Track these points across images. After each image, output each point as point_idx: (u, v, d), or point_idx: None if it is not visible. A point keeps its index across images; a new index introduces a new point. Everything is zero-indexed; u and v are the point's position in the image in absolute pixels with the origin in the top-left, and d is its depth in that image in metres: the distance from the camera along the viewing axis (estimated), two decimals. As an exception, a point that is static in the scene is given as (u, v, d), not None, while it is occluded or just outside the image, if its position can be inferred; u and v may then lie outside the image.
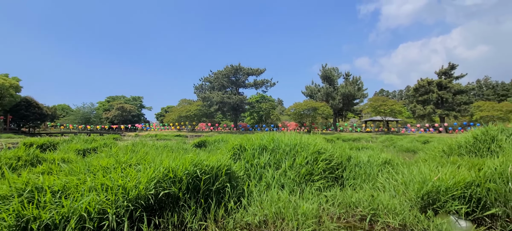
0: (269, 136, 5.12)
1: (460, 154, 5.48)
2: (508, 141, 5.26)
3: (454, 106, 46.26)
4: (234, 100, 49.11)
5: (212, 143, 11.10)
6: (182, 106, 54.60)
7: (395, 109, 43.06)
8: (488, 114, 40.98)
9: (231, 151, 4.85)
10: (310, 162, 4.27)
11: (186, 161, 3.32)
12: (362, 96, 54.19)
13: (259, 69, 53.06)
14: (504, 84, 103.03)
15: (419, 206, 3.16)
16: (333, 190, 3.83)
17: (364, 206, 3.22)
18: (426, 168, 3.83)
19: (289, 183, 3.85)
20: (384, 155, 5.54)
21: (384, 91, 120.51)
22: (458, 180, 3.14)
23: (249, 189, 3.60)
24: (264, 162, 4.30)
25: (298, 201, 3.21)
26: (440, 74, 49.84)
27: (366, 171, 4.61)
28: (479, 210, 2.97)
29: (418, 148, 12.33)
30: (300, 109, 45.16)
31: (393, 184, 3.79)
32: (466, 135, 5.96)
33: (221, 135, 13.22)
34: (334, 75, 55.55)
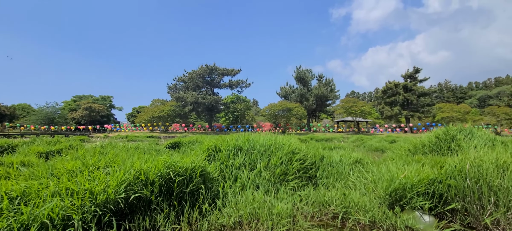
0: (244, 136, 5.12)
1: (424, 152, 5.82)
2: (465, 140, 5.67)
3: (418, 107, 49.12)
4: (209, 100, 48.56)
5: (186, 144, 10.89)
6: (155, 106, 52.99)
7: (365, 111, 44.88)
8: (448, 115, 44.00)
9: (205, 152, 4.78)
10: (284, 162, 4.32)
11: (159, 162, 3.22)
12: (335, 98, 55.91)
13: (234, 70, 52.91)
14: (462, 87, 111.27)
15: (387, 203, 3.31)
16: (307, 189, 3.90)
17: (337, 204, 3.32)
18: (393, 166, 4.02)
19: (264, 183, 3.87)
20: (355, 154, 5.75)
21: (355, 93, 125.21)
22: (422, 177, 3.32)
23: (224, 190, 3.57)
24: (239, 163, 4.29)
25: (273, 201, 3.24)
26: (405, 77, 52.70)
27: (338, 170, 4.75)
28: (441, 205, 3.17)
29: (386, 147, 12.94)
30: (275, 110, 45.64)
31: (364, 182, 3.94)
32: (429, 134, 6.35)
33: (195, 136, 13.00)
34: (308, 77, 56.79)
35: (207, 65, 51.31)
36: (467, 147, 5.24)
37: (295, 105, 45.97)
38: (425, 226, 2.90)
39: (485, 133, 6.05)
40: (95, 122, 56.31)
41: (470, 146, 5.25)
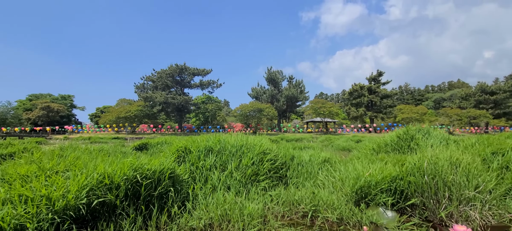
0: (215, 137, 5.06)
1: (387, 151, 6.15)
2: (423, 139, 6.09)
3: (382, 109, 51.92)
4: (179, 100, 47.40)
5: (155, 145, 10.53)
6: (121, 106, 50.55)
7: (333, 111, 46.52)
8: (408, 116, 46.95)
9: (175, 154, 4.65)
10: (256, 163, 4.34)
11: (125, 165, 3.07)
12: (304, 99, 57.27)
13: (205, 70, 52.17)
14: (420, 90, 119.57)
15: (354, 200, 3.45)
16: (278, 189, 3.95)
17: (306, 203, 3.39)
18: (359, 165, 4.20)
19: (235, 184, 3.85)
20: (324, 154, 5.94)
21: (324, 94, 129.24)
22: (385, 175, 3.51)
23: (194, 193, 3.50)
24: (210, 164, 4.23)
25: (244, 202, 3.23)
26: (370, 80, 55.46)
27: (308, 170, 4.87)
28: (402, 200, 3.37)
29: (352, 147, 13.50)
30: (246, 110, 45.70)
31: (332, 181, 4.07)
32: (391, 134, 6.73)
33: (164, 137, 12.61)
34: (279, 78, 57.60)
35: (177, 65, 50.06)
36: (425, 145, 5.62)
37: (266, 106, 46.41)
38: (388, 221, 3.06)
39: (440, 132, 6.54)
40: (54, 123, 52.45)
41: (427, 144, 5.64)
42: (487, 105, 58.79)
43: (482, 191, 3.08)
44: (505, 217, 3.01)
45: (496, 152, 4.72)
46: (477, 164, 3.53)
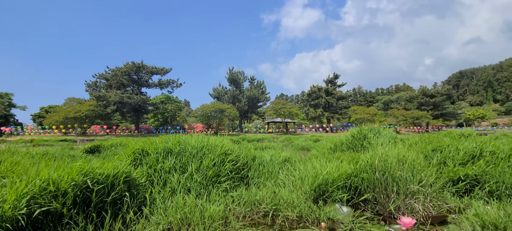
0: (175, 138, 4.88)
1: (342, 150, 6.49)
2: (374, 138, 6.54)
3: (337, 110, 54.81)
4: (136, 100, 45.06)
5: (108, 147, 9.88)
6: (69, 106, 46.41)
7: (293, 112, 47.95)
8: (360, 116, 50.15)
9: (131, 156, 4.40)
10: (217, 164, 4.28)
11: (73, 170, 2.82)
12: (265, 100, 58.18)
13: (164, 69, 50.29)
14: (371, 92, 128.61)
15: (313, 198, 3.58)
16: (239, 190, 3.94)
17: (267, 203, 3.43)
18: (317, 163, 4.36)
19: (195, 187, 3.76)
20: (284, 153, 6.07)
21: (284, 95, 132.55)
22: (341, 172, 3.69)
23: (152, 197, 3.34)
24: (169, 166, 4.07)
25: (205, 204, 3.17)
26: (327, 82, 58.22)
27: (269, 169, 4.93)
28: (356, 196, 3.58)
29: (311, 146, 14.03)
30: (207, 111, 45.03)
31: (292, 180, 4.18)
32: (346, 134, 7.12)
33: (119, 139, 11.88)
34: (240, 79, 57.76)
35: (133, 63, 47.52)
36: (376, 144, 6.04)
37: (227, 106, 46.21)
38: (343, 217, 3.22)
39: (389, 132, 7.08)
40: (-13, 124, 46.48)
41: (378, 143, 6.06)
42: (427, 107, 65.24)
43: (424, 185, 3.39)
44: (443, 208, 3.35)
45: (435, 149, 5.24)
46: (420, 160, 3.89)
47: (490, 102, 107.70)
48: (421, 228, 2.93)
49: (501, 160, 4.50)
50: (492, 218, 2.62)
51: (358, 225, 3.04)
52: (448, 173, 4.20)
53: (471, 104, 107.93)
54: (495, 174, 3.94)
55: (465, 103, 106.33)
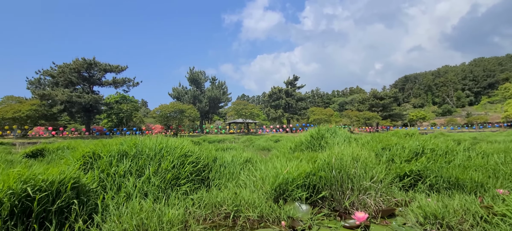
0: (130, 140, 4.62)
1: (302, 149, 6.71)
2: (331, 138, 6.87)
3: (297, 110, 56.59)
4: (87, 99, 41.78)
5: (54, 151, 9.03)
6: (7, 105, 41.39)
7: (254, 113, 48.41)
8: (318, 117, 52.40)
9: (81, 160, 4.06)
10: (176, 166, 4.14)
11: (10, 177, 2.52)
12: (227, 100, 57.93)
13: (119, 66, 47.36)
14: (328, 94, 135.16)
15: (273, 197, 3.63)
16: (200, 192, 3.86)
17: (228, 204, 3.40)
18: (278, 163, 4.44)
19: (153, 190, 3.59)
20: (245, 154, 6.08)
21: (245, 96, 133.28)
22: (301, 171, 3.81)
23: (105, 203, 3.11)
24: (124, 170, 3.84)
25: (163, 208, 3.04)
26: (287, 84, 59.82)
27: (230, 170, 4.90)
28: (315, 194, 3.72)
29: (271, 146, 14.27)
30: (166, 111, 43.44)
31: (253, 180, 4.20)
32: (306, 134, 7.37)
33: (67, 141, 10.92)
34: (202, 79, 56.77)
35: (84, 59, 44.00)
36: (332, 143, 6.34)
37: (188, 106, 45.08)
38: (302, 214, 3.33)
39: (344, 132, 7.49)
40: None
41: (334, 142, 6.37)
42: (377, 109, 70.37)
43: (375, 181, 3.64)
44: (392, 202, 3.63)
45: (385, 147, 5.66)
46: (372, 158, 4.17)
47: (430, 104, 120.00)
48: (372, 222, 3.14)
49: (439, 156, 5.02)
50: (433, 209, 2.90)
51: (316, 222, 3.16)
52: (396, 169, 4.57)
53: (414, 106, 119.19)
54: (435, 169, 4.37)
55: (409, 105, 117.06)
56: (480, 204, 2.95)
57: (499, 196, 3.09)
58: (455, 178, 4.00)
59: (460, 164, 4.71)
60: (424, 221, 2.88)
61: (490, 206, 2.79)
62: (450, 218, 2.75)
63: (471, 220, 2.68)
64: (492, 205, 2.80)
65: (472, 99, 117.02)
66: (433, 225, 2.78)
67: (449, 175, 4.10)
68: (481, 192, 3.62)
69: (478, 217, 2.69)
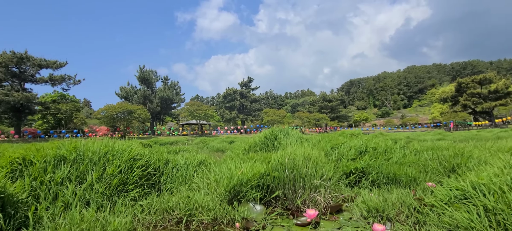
0: (70, 143, 4.19)
1: (256, 150, 6.79)
2: (284, 138, 7.07)
3: (251, 112, 57.29)
4: (16, 98, 36.92)
5: (-28, 157, 7.76)
6: None
7: (208, 114, 47.73)
8: (272, 118, 53.71)
9: (7, 167, 3.56)
10: (124, 171, 3.87)
11: None
12: (180, 101, 56.17)
13: (57, 62, 42.79)
14: (281, 96, 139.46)
15: (228, 199, 3.60)
16: (150, 197, 3.66)
17: (181, 208, 3.28)
18: (232, 164, 4.42)
19: (96, 198, 3.30)
20: (199, 156, 5.94)
21: (199, 97, 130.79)
22: (255, 172, 3.84)
23: (38, 215, 2.77)
24: (62, 177, 3.46)
25: (108, 217, 2.81)
26: (241, 85, 60.21)
27: (183, 173, 4.74)
28: (268, 194, 3.78)
29: (226, 148, 14.19)
30: (113, 112, 40.48)
31: (207, 183, 4.12)
32: (260, 135, 7.48)
33: (-11, 146, 9.48)
34: (153, 78, 54.17)
35: (14, 52, 38.83)
36: (285, 144, 6.54)
37: (137, 107, 42.60)
38: (256, 215, 3.36)
39: (296, 132, 7.77)
40: None
41: (287, 143, 6.57)
42: (326, 110, 74.64)
43: (325, 179, 3.84)
44: (339, 198, 3.86)
45: (333, 147, 6.01)
46: (322, 157, 4.39)
47: (371, 107, 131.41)
48: (322, 218, 3.31)
49: (380, 154, 5.50)
50: (374, 203, 3.16)
51: (270, 222, 3.21)
52: (343, 167, 4.88)
53: (358, 108, 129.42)
54: (376, 166, 4.77)
55: (354, 108, 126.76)
56: (413, 196, 3.29)
57: (428, 189, 3.48)
58: (393, 174, 4.41)
59: (397, 161, 5.21)
60: (367, 215, 3.12)
61: (421, 198, 3.13)
62: (389, 211, 3.02)
63: (407, 211, 2.98)
64: (423, 197, 3.14)
65: (406, 102, 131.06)
66: (375, 218, 3.03)
67: (388, 171, 4.51)
68: (414, 186, 4.05)
69: (412, 208, 3.00)
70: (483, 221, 2.14)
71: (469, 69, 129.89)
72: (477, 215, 2.21)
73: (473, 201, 2.38)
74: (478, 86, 51.19)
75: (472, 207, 2.30)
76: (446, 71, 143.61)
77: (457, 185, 2.73)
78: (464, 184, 2.64)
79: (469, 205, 2.36)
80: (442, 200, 2.69)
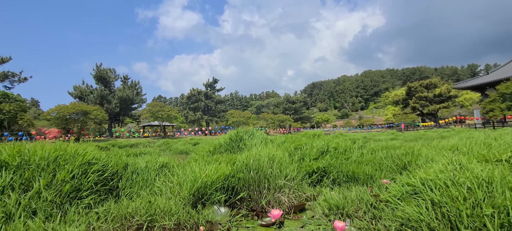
0: (13, 147, 3.78)
1: (221, 152, 6.72)
2: (249, 139, 7.10)
3: (216, 113, 56.72)
4: None
5: None
6: None
7: (171, 115, 46.23)
8: (237, 120, 53.67)
9: None
10: (77, 176, 3.58)
11: None
12: (141, 101, 53.67)
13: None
14: (246, 97, 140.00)
15: (191, 202, 3.52)
16: (107, 203, 3.43)
17: (141, 214, 3.13)
18: (196, 167, 4.32)
19: (45, 207, 3.01)
20: (162, 158, 5.72)
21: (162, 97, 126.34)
22: (220, 174, 3.80)
23: (-28, 228, 2.45)
24: (3, 185, 3.11)
25: (58, 228, 2.58)
26: (206, 86, 59.38)
27: (144, 177, 4.53)
28: (233, 196, 3.76)
29: (190, 150, 13.87)
30: (65, 113, 37.39)
31: (170, 186, 3.98)
32: (225, 136, 7.42)
33: None
34: (111, 77, 51.13)
35: None
36: (250, 145, 6.56)
37: (93, 108, 39.85)
38: (221, 217, 3.32)
39: (261, 133, 7.84)
40: None
41: (252, 144, 6.61)
42: (290, 112, 76.50)
43: (289, 179, 3.92)
44: (302, 197, 3.97)
45: (297, 147, 6.17)
46: (286, 158, 4.48)
47: (332, 108, 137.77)
48: (286, 217, 3.37)
49: (340, 154, 5.76)
50: (335, 201, 3.30)
51: (235, 224, 3.20)
52: (306, 167, 5.02)
53: (320, 110, 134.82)
54: (337, 165, 4.99)
55: (316, 109, 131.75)
56: (370, 193, 3.49)
57: (383, 186, 3.72)
58: (352, 172, 4.65)
59: (356, 160, 5.50)
60: (328, 212, 3.24)
61: (377, 195, 3.33)
62: (349, 208, 3.17)
63: (364, 208, 3.15)
64: (379, 193, 3.35)
65: (363, 104, 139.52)
66: (335, 215, 3.16)
67: (347, 170, 4.74)
68: (371, 183, 4.30)
69: (369, 205, 3.18)
70: (430, 214, 2.33)
71: (418, 74, 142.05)
72: (426, 209, 2.40)
73: (422, 195, 2.59)
74: (425, 90, 56.11)
75: (421, 201, 2.51)
76: (398, 76, 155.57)
77: (408, 181, 2.95)
78: (414, 180, 2.86)
79: (418, 200, 2.56)
80: (395, 196, 2.89)
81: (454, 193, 2.34)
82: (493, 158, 3.45)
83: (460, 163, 3.18)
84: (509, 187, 2.17)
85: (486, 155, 3.68)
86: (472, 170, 2.67)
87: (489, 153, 3.87)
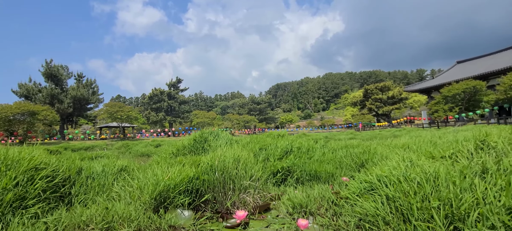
0: None
1: (185, 153, 6.54)
2: (214, 140, 7.00)
3: (180, 114, 55.24)
4: None
5: None
6: None
7: (132, 116, 44.01)
8: (201, 120, 52.78)
9: None
10: (22, 183, 3.25)
11: None
12: (97, 101, 50.39)
13: None
14: (211, 98, 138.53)
15: (153, 207, 3.37)
16: (57, 212, 3.16)
17: (97, 222, 2.92)
18: (158, 169, 4.15)
19: (-18, 219, 2.68)
20: (120, 161, 5.42)
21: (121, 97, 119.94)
22: (183, 177, 3.69)
23: None
24: None
25: (-1, 241, 2.31)
26: (169, 86, 57.56)
27: (101, 182, 4.25)
28: (198, 198, 3.68)
29: (152, 152, 13.31)
30: (8, 113, 33.69)
31: (129, 191, 3.77)
32: (189, 137, 7.25)
33: None
34: (63, 75, 47.32)
35: None
36: (215, 146, 6.48)
37: (42, 108, 36.45)
38: (185, 221, 3.23)
39: (226, 134, 7.79)
40: None
41: (217, 145, 6.53)
42: (255, 112, 77.16)
43: (254, 180, 3.94)
44: (267, 197, 4.01)
45: (262, 147, 6.23)
46: (251, 158, 4.49)
47: (295, 109, 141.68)
48: (251, 218, 3.38)
49: (303, 153, 5.93)
50: (299, 200, 3.38)
51: (199, 227, 3.13)
52: (270, 167, 5.09)
53: (284, 110, 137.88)
54: (300, 164, 5.13)
55: (280, 110, 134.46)
56: (331, 191, 3.64)
57: (343, 183, 3.90)
58: (314, 171, 4.81)
59: (318, 159, 5.70)
60: (292, 211, 3.31)
61: (338, 192, 3.48)
62: (312, 206, 3.27)
63: (326, 205, 3.27)
64: (339, 190, 3.50)
65: (324, 105, 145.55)
66: (299, 213, 3.24)
67: (310, 168, 4.89)
68: (332, 181, 4.48)
69: (330, 202, 3.31)
70: (385, 208, 2.49)
71: (373, 78, 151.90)
72: (381, 204, 2.56)
73: (378, 191, 2.76)
74: (380, 93, 60.17)
75: (378, 197, 2.67)
76: (356, 78, 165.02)
77: (365, 179, 3.12)
78: (371, 177, 3.04)
79: (375, 195, 2.72)
80: (354, 193, 3.04)
81: (406, 188, 2.52)
82: (439, 155, 3.80)
83: (410, 160, 3.45)
84: (452, 181, 2.39)
85: (432, 152, 4.04)
86: (421, 166, 2.91)
87: (435, 150, 4.26)
